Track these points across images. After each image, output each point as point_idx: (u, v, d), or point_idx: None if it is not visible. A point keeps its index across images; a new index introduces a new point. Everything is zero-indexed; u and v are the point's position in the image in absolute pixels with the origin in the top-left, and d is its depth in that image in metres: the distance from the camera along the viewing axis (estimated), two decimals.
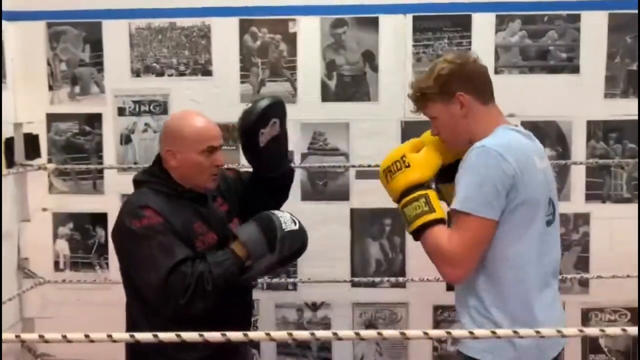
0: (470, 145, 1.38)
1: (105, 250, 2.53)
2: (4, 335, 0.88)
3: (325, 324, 2.51)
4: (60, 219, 2.53)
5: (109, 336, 0.87)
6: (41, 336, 0.86)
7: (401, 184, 1.43)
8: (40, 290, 2.49)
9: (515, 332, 0.84)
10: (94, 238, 2.54)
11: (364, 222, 2.48)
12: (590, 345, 2.50)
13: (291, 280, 2.49)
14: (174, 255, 1.42)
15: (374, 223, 2.49)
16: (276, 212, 1.52)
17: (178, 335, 0.87)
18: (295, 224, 1.50)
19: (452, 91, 1.41)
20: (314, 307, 2.53)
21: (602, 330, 0.84)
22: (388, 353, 2.54)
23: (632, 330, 0.85)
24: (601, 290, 2.45)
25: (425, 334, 0.85)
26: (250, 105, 1.63)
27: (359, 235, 2.49)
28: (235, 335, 0.87)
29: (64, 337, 0.84)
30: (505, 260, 1.37)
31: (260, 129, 1.58)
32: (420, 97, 1.47)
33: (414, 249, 2.50)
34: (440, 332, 0.89)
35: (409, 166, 1.43)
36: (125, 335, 0.90)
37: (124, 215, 1.51)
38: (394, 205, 1.51)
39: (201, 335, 0.87)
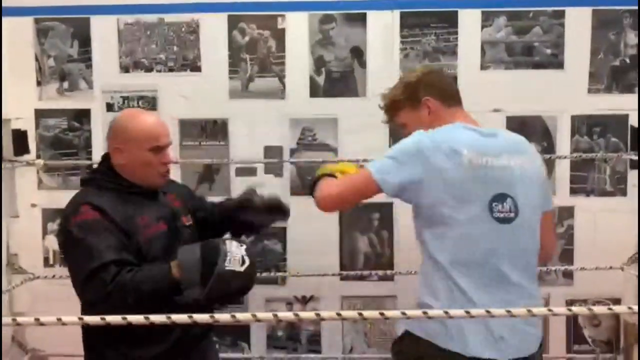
0: None
1: None
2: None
3: None
4: (49, 214, 2.53)
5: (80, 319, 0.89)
6: (37, 319, 0.90)
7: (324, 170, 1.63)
8: (30, 286, 2.49)
9: (467, 312, 0.87)
10: None
11: (352, 217, 2.51)
12: (575, 335, 2.55)
13: (280, 274, 2.51)
14: (99, 257, 1.37)
15: (362, 217, 2.51)
16: (228, 243, 1.39)
17: (146, 318, 0.87)
18: (242, 263, 1.35)
19: (419, 97, 1.53)
20: (304, 300, 2.56)
21: (590, 310, 0.88)
22: (376, 344, 2.57)
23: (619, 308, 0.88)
24: (585, 282, 2.50)
25: (404, 313, 0.89)
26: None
27: (347, 229, 2.52)
28: (201, 317, 0.89)
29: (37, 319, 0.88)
30: (430, 260, 1.43)
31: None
32: (390, 106, 1.59)
33: (402, 242, 2.54)
34: (417, 313, 0.92)
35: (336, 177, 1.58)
36: (96, 319, 0.91)
37: (64, 213, 1.50)
38: (382, 199, 1.59)
39: (169, 318, 0.87)
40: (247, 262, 1.36)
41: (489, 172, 1.41)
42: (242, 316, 0.92)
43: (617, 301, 2.52)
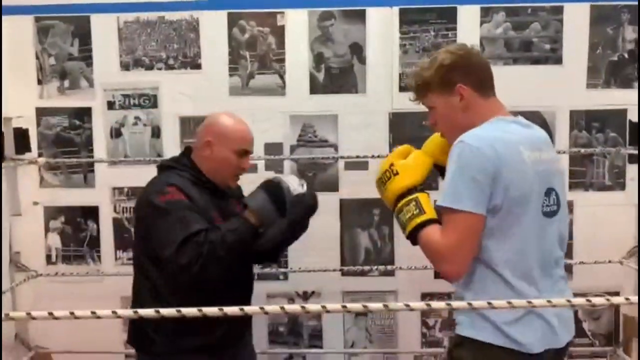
0: None
1: (97, 243, 2.55)
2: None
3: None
4: (51, 212, 2.55)
5: (93, 312, 0.91)
6: (28, 313, 0.93)
7: (392, 192, 1.42)
8: (33, 283, 2.50)
9: (509, 302, 0.88)
10: (85, 231, 2.55)
11: (353, 213, 2.52)
12: (575, 329, 2.56)
13: (282, 270, 2.53)
14: (190, 227, 1.50)
15: (363, 213, 2.53)
16: (284, 177, 1.63)
17: (178, 311, 0.91)
18: (302, 187, 1.60)
19: (452, 82, 1.39)
20: (305, 296, 2.57)
21: (589, 301, 0.90)
22: (378, 340, 2.59)
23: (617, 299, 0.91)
24: (584, 276, 2.52)
25: (407, 305, 0.91)
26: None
27: (348, 225, 2.53)
28: (231, 310, 0.93)
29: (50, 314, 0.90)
30: (480, 263, 1.36)
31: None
32: (421, 86, 1.45)
33: (402, 238, 2.52)
34: (420, 304, 0.94)
35: (397, 174, 1.42)
36: (128, 312, 0.95)
37: (149, 191, 1.60)
38: None
39: (200, 310, 0.92)
40: (305, 185, 1.62)
41: (542, 166, 1.37)
42: (250, 309, 0.97)
43: (616, 294, 2.54)
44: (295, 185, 1.58)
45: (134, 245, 1.73)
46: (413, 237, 1.39)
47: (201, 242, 1.48)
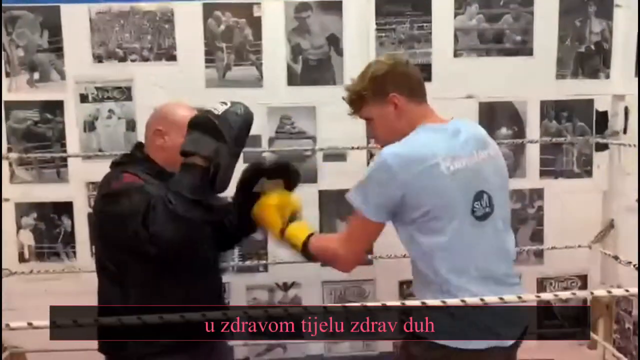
0: None
1: (72, 239, 2.50)
2: None
3: (298, 302, 2.58)
4: (23, 209, 2.48)
5: (96, 320, 0.90)
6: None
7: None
8: (5, 282, 2.44)
9: (481, 299, 0.92)
10: (59, 227, 2.50)
11: (332, 204, 2.54)
12: (545, 312, 2.66)
13: (262, 262, 2.53)
14: (151, 196, 1.40)
15: (341, 204, 2.53)
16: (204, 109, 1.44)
17: (160, 317, 0.90)
18: (225, 104, 1.41)
19: (386, 92, 1.46)
20: (285, 287, 2.59)
21: (556, 295, 0.94)
22: None
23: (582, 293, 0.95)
24: (554, 261, 2.61)
25: (384, 305, 0.93)
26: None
27: (327, 216, 2.56)
28: (214, 315, 0.92)
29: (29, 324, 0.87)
30: (426, 268, 1.44)
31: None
32: (356, 99, 1.52)
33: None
34: (395, 303, 0.97)
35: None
36: (132, 319, 0.93)
37: (102, 185, 1.54)
38: None
39: (182, 317, 0.91)
40: (227, 101, 1.42)
41: (466, 173, 1.41)
42: (232, 313, 1.00)
43: (584, 277, 2.65)
44: (216, 106, 1.40)
45: (96, 252, 1.62)
46: (307, 255, 1.58)
47: (166, 203, 1.35)
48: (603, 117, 2.57)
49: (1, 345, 2.02)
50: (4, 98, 2.43)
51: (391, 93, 1.46)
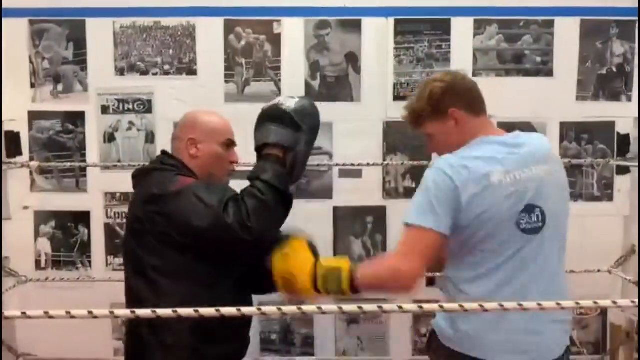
0: None
1: (87, 248, 2.53)
2: None
3: (309, 319, 2.56)
4: (42, 217, 2.52)
5: (90, 312, 0.90)
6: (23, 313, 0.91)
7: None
8: (22, 289, 2.47)
9: (500, 305, 0.90)
10: (76, 236, 2.53)
11: (346, 220, 2.53)
12: None
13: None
14: (223, 192, 1.42)
15: (356, 221, 2.54)
16: (271, 103, 1.50)
17: (174, 311, 0.90)
18: (293, 98, 1.49)
19: (445, 108, 1.47)
20: (297, 303, 2.57)
21: (596, 303, 0.91)
22: (369, 348, 2.60)
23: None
24: (573, 285, 2.54)
25: (400, 307, 0.92)
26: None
27: (341, 232, 2.54)
28: (228, 311, 0.92)
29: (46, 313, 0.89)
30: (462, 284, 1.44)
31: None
32: (415, 118, 1.54)
33: (395, 246, 2.56)
34: (412, 306, 0.95)
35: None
36: (125, 312, 0.94)
37: (153, 186, 1.46)
38: (376, 203, 1.57)
39: (218, 311, 0.91)
40: (294, 96, 1.50)
41: (520, 185, 1.40)
42: (247, 310, 0.97)
43: None
44: (287, 100, 1.47)
45: (127, 246, 1.54)
46: (354, 289, 1.41)
47: (238, 198, 1.38)
48: (625, 140, 2.53)
49: (1, 343, 2.02)
50: (28, 108, 2.49)
51: (450, 109, 1.47)
